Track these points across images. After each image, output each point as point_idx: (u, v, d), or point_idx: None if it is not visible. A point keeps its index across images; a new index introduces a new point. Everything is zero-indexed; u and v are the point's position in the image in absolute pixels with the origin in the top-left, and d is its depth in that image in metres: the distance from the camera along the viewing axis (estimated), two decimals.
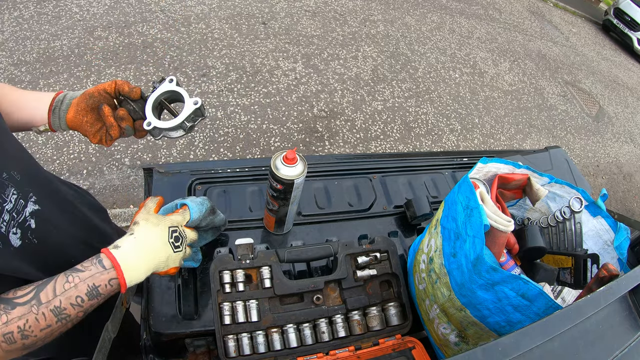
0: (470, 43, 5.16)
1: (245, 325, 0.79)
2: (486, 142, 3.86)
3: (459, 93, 4.21)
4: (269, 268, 0.83)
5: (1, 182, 0.60)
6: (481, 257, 0.65)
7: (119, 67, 2.92)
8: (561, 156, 1.49)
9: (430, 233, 0.85)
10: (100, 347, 0.72)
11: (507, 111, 4.36)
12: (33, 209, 0.67)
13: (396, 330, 0.87)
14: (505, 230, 0.71)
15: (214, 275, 0.79)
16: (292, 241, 1.00)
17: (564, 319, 0.56)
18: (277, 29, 3.83)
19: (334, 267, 0.87)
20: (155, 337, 0.81)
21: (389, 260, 0.91)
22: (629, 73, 7.15)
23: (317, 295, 0.85)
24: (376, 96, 3.65)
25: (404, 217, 1.11)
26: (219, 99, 3.01)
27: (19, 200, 0.64)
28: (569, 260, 0.90)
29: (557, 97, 5.13)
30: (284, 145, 2.92)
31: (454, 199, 0.78)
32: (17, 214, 0.63)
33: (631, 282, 0.66)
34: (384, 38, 4.41)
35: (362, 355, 0.81)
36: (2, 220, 0.59)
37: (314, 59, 3.70)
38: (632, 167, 4.83)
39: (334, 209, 1.09)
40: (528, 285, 0.63)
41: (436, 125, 3.69)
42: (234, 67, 3.28)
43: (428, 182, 1.24)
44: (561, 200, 1.00)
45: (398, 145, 3.33)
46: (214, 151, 2.71)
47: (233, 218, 1.00)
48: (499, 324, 0.69)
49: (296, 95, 3.29)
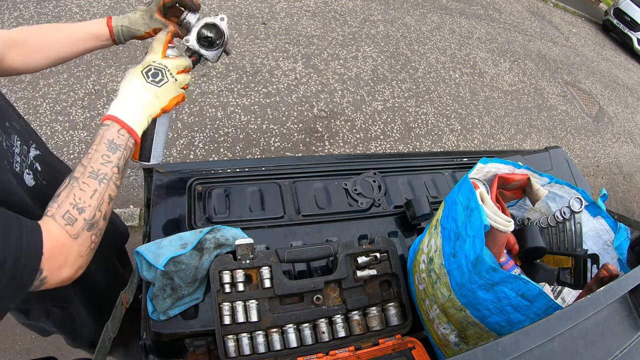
0: (470, 43, 5.16)
1: (245, 325, 0.79)
2: (486, 142, 3.86)
3: (459, 93, 4.21)
4: (269, 268, 0.83)
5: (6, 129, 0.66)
6: (481, 257, 0.65)
7: (119, 67, 2.92)
8: (561, 156, 1.49)
9: (430, 233, 0.85)
10: (100, 347, 0.72)
11: (507, 111, 4.36)
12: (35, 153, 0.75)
13: (396, 331, 0.87)
14: (505, 231, 0.71)
15: (214, 275, 0.79)
16: (292, 241, 1.00)
17: (564, 319, 0.56)
18: (277, 29, 3.83)
19: (334, 267, 0.87)
20: (155, 337, 0.81)
21: (389, 260, 0.91)
22: (629, 73, 7.15)
23: (317, 295, 0.85)
24: (376, 96, 3.65)
25: (404, 217, 1.11)
26: (219, 99, 3.01)
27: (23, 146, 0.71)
28: (569, 260, 0.90)
29: (557, 97, 5.13)
30: (284, 145, 2.92)
31: (454, 199, 0.78)
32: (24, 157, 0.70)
33: (631, 282, 0.66)
34: (384, 38, 4.40)
35: (362, 356, 0.81)
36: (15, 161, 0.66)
37: (314, 59, 3.69)
38: (632, 167, 4.83)
39: (334, 209, 1.09)
40: (528, 285, 0.63)
41: (436, 126, 3.69)
42: (234, 67, 3.28)
43: (428, 182, 1.24)
44: (561, 200, 1.00)
45: (398, 146, 3.33)
46: (214, 151, 2.70)
47: (233, 218, 1.00)
48: (499, 324, 0.69)
49: (296, 95, 3.29)
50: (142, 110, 0.67)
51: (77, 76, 2.76)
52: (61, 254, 0.56)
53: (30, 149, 0.73)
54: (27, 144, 0.73)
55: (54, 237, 0.55)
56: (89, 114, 2.58)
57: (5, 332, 1.81)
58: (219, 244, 0.84)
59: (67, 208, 0.57)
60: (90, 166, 0.61)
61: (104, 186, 0.61)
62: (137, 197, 2.36)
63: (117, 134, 0.64)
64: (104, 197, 0.61)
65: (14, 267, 0.50)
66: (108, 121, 0.65)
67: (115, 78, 2.83)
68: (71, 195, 0.58)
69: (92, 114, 2.58)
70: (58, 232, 0.56)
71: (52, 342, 1.82)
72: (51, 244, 0.55)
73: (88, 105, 2.62)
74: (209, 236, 0.85)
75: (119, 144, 0.64)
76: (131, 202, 2.34)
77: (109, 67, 2.90)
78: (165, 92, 0.71)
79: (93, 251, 0.62)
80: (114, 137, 0.64)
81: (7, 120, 0.68)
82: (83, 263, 0.60)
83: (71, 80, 2.73)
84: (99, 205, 0.60)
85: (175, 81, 0.72)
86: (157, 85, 0.69)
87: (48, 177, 0.77)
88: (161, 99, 0.70)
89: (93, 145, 0.63)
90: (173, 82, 0.72)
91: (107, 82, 2.79)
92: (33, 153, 0.74)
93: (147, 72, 0.69)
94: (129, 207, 2.32)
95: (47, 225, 0.56)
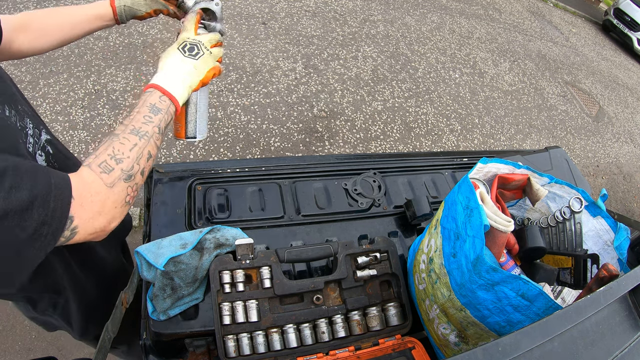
0: (470, 43, 5.16)
1: (245, 325, 0.79)
2: (486, 142, 3.86)
3: (459, 93, 4.21)
4: (268, 268, 0.83)
5: (19, 112, 0.68)
6: (481, 257, 0.65)
7: (119, 67, 2.92)
8: (561, 156, 1.49)
9: (430, 233, 0.85)
10: (100, 347, 0.72)
11: (507, 111, 4.36)
12: (46, 137, 0.77)
13: (396, 331, 0.87)
14: (505, 231, 0.71)
15: (214, 275, 0.79)
16: (292, 241, 1.00)
17: (564, 319, 0.56)
18: (277, 29, 3.83)
19: (334, 267, 0.87)
20: (155, 337, 0.81)
21: (389, 260, 0.91)
22: (629, 73, 7.15)
23: (317, 295, 0.85)
24: (376, 96, 3.65)
25: (404, 217, 1.11)
26: (219, 99, 3.01)
27: (35, 129, 0.72)
28: (569, 260, 0.90)
29: (557, 97, 5.13)
30: (283, 145, 2.92)
31: (454, 199, 0.78)
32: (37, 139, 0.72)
33: (631, 282, 0.66)
34: (384, 38, 4.40)
35: (362, 356, 0.81)
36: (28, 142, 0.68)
37: (314, 59, 3.69)
38: (632, 167, 4.83)
39: (334, 209, 1.09)
40: (528, 285, 0.63)
41: (436, 126, 3.69)
42: (234, 67, 3.28)
43: (428, 182, 1.24)
44: (561, 200, 1.00)
45: (398, 146, 3.33)
46: (214, 151, 2.70)
47: (233, 218, 1.00)
48: (499, 324, 0.69)
49: (296, 96, 3.29)
50: (182, 81, 0.70)
51: (77, 76, 2.76)
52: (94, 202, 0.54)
53: (41, 132, 0.76)
54: (39, 128, 0.75)
55: (86, 183, 0.54)
56: (89, 114, 2.58)
57: (5, 332, 1.81)
58: (219, 244, 0.84)
59: (104, 158, 0.57)
60: (132, 125, 0.62)
61: (144, 141, 0.62)
62: (137, 197, 2.35)
63: (159, 99, 0.67)
64: (143, 152, 0.61)
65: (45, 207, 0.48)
66: (150, 89, 0.67)
67: (115, 78, 2.83)
68: (110, 147, 0.58)
69: (92, 114, 2.58)
70: (92, 178, 0.55)
71: (52, 342, 1.82)
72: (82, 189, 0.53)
73: (88, 105, 2.62)
74: (209, 236, 0.85)
75: (160, 107, 0.66)
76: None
77: (109, 67, 2.90)
78: (203, 64, 0.74)
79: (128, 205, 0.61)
80: (155, 102, 0.66)
81: (20, 105, 0.70)
82: (118, 214, 0.58)
83: (71, 80, 2.73)
84: (138, 158, 0.60)
85: (211, 54, 0.75)
86: (194, 58, 0.72)
87: (59, 160, 0.79)
88: (199, 70, 0.73)
89: (135, 108, 0.64)
90: (209, 55, 0.75)
91: (107, 82, 2.79)
92: (44, 137, 0.76)
93: (183, 48, 0.73)
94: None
95: (81, 173, 0.55)
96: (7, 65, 2.67)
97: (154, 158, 0.65)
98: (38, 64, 2.75)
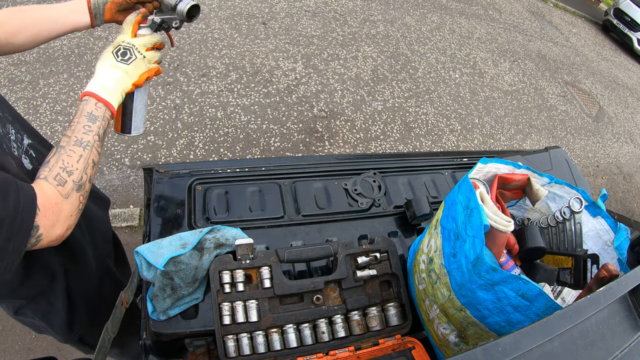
0: (470, 43, 5.16)
1: (245, 325, 0.79)
2: (486, 142, 3.86)
3: (459, 93, 4.21)
4: (268, 268, 0.83)
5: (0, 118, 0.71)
6: (481, 257, 0.65)
7: None
8: (561, 156, 1.49)
9: (430, 233, 0.85)
10: (100, 347, 0.72)
11: (507, 111, 4.36)
12: (28, 142, 0.80)
13: (396, 331, 0.87)
14: (505, 231, 0.71)
15: (214, 275, 0.79)
16: (292, 241, 1.00)
17: (564, 319, 0.56)
18: (277, 29, 3.83)
19: (334, 267, 0.87)
20: (155, 337, 0.81)
21: (389, 260, 0.91)
22: (629, 73, 7.15)
23: (317, 295, 0.85)
24: (376, 96, 3.65)
25: (404, 217, 1.11)
26: (219, 99, 3.01)
27: (17, 134, 0.76)
28: (569, 260, 0.90)
29: (557, 97, 5.13)
30: (283, 145, 2.92)
31: (454, 199, 0.78)
32: (20, 144, 0.76)
33: (631, 283, 0.66)
34: (384, 38, 4.40)
35: (362, 356, 0.81)
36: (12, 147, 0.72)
37: (314, 59, 3.69)
38: (632, 167, 4.83)
39: (334, 209, 1.09)
40: (528, 285, 0.63)
41: (436, 126, 3.69)
42: (234, 67, 3.28)
43: (428, 182, 1.24)
44: (561, 200, 1.00)
45: (398, 146, 3.33)
46: (214, 151, 2.70)
47: (233, 218, 1.00)
48: (499, 324, 0.69)
49: (296, 96, 3.29)
50: (115, 86, 0.74)
51: (77, 76, 2.76)
52: (54, 212, 0.61)
53: (23, 137, 0.79)
54: (21, 133, 0.78)
55: (48, 196, 0.61)
56: None
57: (5, 332, 1.81)
58: (219, 244, 0.84)
59: (57, 171, 0.63)
60: (74, 136, 0.67)
61: (88, 152, 0.68)
62: (137, 197, 2.36)
63: (95, 106, 0.71)
64: (88, 161, 0.68)
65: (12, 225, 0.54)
66: (86, 97, 0.72)
67: None
68: (60, 160, 0.64)
69: None
70: (51, 191, 0.61)
71: (52, 342, 1.82)
72: (46, 202, 0.60)
73: None
74: (209, 236, 0.85)
75: (97, 115, 0.70)
76: (131, 202, 2.34)
77: None
78: (135, 68, 0.76)
79: (80, 212, 0.67)
80: (92, 110, 0.70)
81: (1, 111, 0.73)
82: (72, 222, 0.66)
83: (71, 80, 2.73)
84: (85, 168, 0.67)
85: (144, 58, 0.78)
86: (126, 63, 0.75)
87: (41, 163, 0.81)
88: (131, 74, 0.76)
89: (74, 119, 0.69)
90: (141, 59, 0.77)
91: None
92: (27, 142, 0.80)
93: (116, 52, 0.75)
94: (129, 207, 2.32)
95: (41, 186, 0.61)
96: (7, 65, 2.67)
97: (98, 164, 0.72)
98: (38, 64, 2.75)
